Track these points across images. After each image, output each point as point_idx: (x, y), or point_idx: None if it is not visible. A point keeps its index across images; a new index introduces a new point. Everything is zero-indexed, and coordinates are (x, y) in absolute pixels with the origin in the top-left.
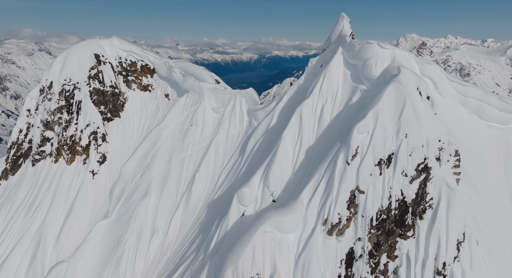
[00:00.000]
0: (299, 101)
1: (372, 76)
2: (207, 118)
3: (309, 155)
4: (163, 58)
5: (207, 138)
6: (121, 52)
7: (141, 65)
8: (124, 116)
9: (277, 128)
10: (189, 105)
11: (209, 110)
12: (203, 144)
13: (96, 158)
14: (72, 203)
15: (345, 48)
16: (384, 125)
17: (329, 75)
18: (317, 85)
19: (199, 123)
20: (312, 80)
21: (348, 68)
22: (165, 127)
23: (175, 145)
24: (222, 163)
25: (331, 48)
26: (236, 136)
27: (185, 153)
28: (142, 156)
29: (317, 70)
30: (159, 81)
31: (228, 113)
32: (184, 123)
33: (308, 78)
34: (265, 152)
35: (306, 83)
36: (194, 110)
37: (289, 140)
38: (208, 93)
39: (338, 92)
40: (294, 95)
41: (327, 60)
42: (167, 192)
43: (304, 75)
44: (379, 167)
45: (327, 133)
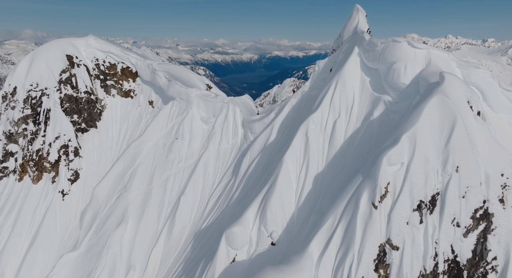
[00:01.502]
0: (304, 113)
1: (399, 84)
2: (195, 130)
3: (318, 185)
4: (146, 59)
5: (195, 153)
6: (99, 53)
7: (122, 67)
8: (102, 126)
9: (276, 144)
10: (174, 115)
11: (198, 120)
12: (190, 161)
13: (67, 176)
14: (37, 230)
15: (363, 48)
16: (425, 154)
17: (342, 82)
18: (328, 95)
19: (186, 136)
20: (320, 87)
21: (367, 73)
22: (146, 141)
23: (157, 162)
24: (212, 184)
25: (343, 48)
26: (228, 152)
27: (169, 171)
28: (118, 175)
29: (326, 75)
30: (143, 86)
31: (219, 124)
32: (168, 135)
33: (314, 84)
34: (262, 175)
35: (312, 90)
36: (180, 121)
37: (292, 164)
38: (196, 101)
39: (355, 104)
40: (298, 104)
41: (340, 63)
42: (147, 218)
43: (310, 81)
44: (419, 212)
45: (342, 157)
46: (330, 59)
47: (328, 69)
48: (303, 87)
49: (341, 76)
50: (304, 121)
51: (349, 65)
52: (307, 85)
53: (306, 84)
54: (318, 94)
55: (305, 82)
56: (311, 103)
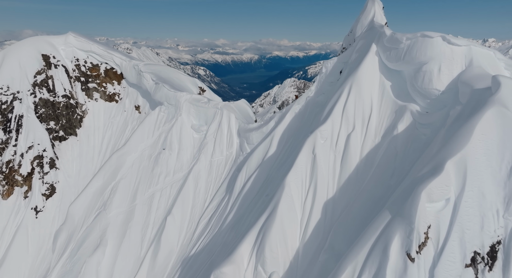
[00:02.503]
0: (310, 122)
1: (431, 90)
2: (185, 140)
3: (328, 215)
4: (132, 60)
5: (184, 166)
6: (79, 52)
7: (105, 68)
8: (82, 134)
9: (277, 159)
10: (162, 122)
11: (188, 128)
12: (179, 175)
13: (41, 191)
14: (5, 252)
15: (382, 46)
16: (479, 188)
17: (357, 87)
18: (339, 103)
19: (175, 146)
20: (328, 92)
21: (388, 77)
22: (129, 151)
23: (142, 176)
24: (203, 202)
25: (357, 46)
26: (222, 165)
27: (155, 186)
28: (97, 190)
29: (335, 78)
30: (128, 89)
31: (212, 133)
32: (154, 145)
33: (321, 89)
34: (260, 196)
35: (319, 95)
36: (168, 129)
37: (296, 188)
38: (186, 106)
39: (373, 114)
40: (302, 112)
41: (353, 64)
42: (128, 242)
43: (316, 85)
44: (474, 268)
45: (358, 180)
46: (339, 59)
47: (338, 71)
48: (307, 92)
49: (355, 80)
50: (311, 135)
51: (365, 66)
52: (312, 90)
53: (311, 89)
54: (326, 100)
55: (310, 86)
56: (318, 111)
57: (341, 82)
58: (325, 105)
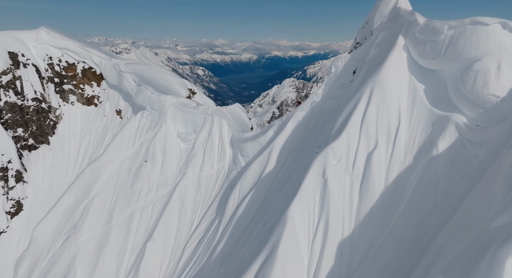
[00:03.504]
0: (317, 134)
1: (487, 96)
2: (170, 150)
3: (345, 261)
4: (112, 58)
5: (169, 181)
6: (53, 49)
7: (83, 68)
8: (56, 142)
9: (276, 177)
10: (144, 130)
11: (173, 137)
12: (163, 192)
13: (5, 208)
14: None
15: (413, 38)
16: None
17: (380, 92)
18: (357, 112)
19: (158, 158)
20: (338, 96)
21: (421, 78)
22: (106, 164)
23: (120, 193)
24: (190, 225)
25: (376, 39)
26: (213, 180)
27: (134, 205)
28: (67, 210)
29: (347, 80)
30: (109, 92)
31: (201, 143)
32: (135, 157)
33: (330, 92)
34: (256, 224)
35: (327, 101)
36: (151, 138)
37: (301, 223)
38: (172, 112)
39: (401, 128)
40: (306, 120)
41: (373, 62)
42: (102, 271)
43: (323, 88)
44: None
45: (384, 215)
46: (353, 56)
47: (350, 71)
48: (312, 96)
49: (378, 83)
50: (320, 153)
51: (391, 65)
52: (319, 94)
53: (317, 92)
54: (337, 107)
55: (313, 87)
56: (326, 119)
57: (357, 85)
58: (336, 113)
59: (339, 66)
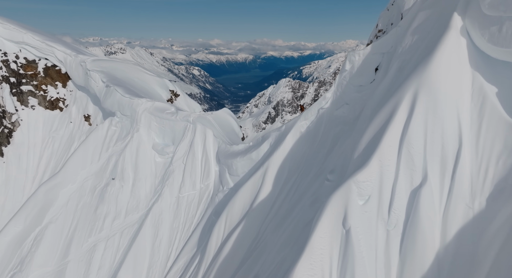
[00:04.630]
0: (326, 152)
1: None
2: (143, 166)
3: None
4: (79, 54)
5: (141, 204)
6: (8, 44)
7: (45, 66)
8: (11, 153)
9: (271, 208)
10: (112, 140)
11: (148, 150)
12: (133, 217)
13: None
14: None
15: (478, 17)
16: None
17: (429, 98)
18: (392, 128)
19: (128, 175)
20: (355, 102)
21: (492, 76)
22: (64, 182)
23: (80, 219)
24: (165, 260)
25: (413, 22)
26: (195, 203)
27: (97, 234)
28: (13, 240)
29: (366, 80)
30: (76, 94)
31: (181, 157)
32: (101, 174)
33: (343, 96)
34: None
35: (340, 107)
36: (120, 150)
37: None
38: (146, 119)
39: (464, 151)
40: (311, 132)
41: (412, 53)
42: None
43: (333, 90)
44: None
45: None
46: (375, 48)
47: (371, 68)
48: (319, 101)
49: (424, 84)
50: (339, 190)
51: (444, 57)
52: (328, 98)
53: (326, 96)
54: (353, 115)
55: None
56: (338, 131)
57: (386, 87)
58: (354, 124)
59: (355, 62)
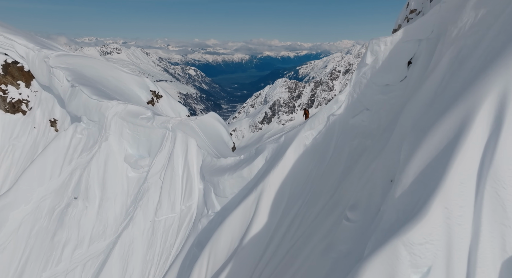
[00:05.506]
0: (340, 177)
1: None
2: (112, 182)
3: None
4: (43, 49)
5: (108, 230)
6: None
7: (5, 62)
8: None
9: (267, 248)
10: (76, 151)
11: (118, 162)
12: (99, 246)
13: None
14: None
15: None
16: None
17: None
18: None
19: (94, 194)
20: (380, 107)
21: None
22: (15, 203)
23: (34, 248)
24: None
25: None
26: (174, 229)
27: (54, 267)
28: None
29: (394, 78)
30: (42, 95)
31: (158, 171)
32: (61, 192)
33: (361, 99)
34: None
35: (358, 113)
36: (85, 163)
37: None
38: (117, 125)
39: None
40: (319, 146)
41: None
42: None
43: (348, 91)
44: None
45: None
46: (407, 33)
47: (402, 61)
48: (330, 105)
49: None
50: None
51: None
52: (341, 101)
53: (339, 99)
54: (377, 125)
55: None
56: (356, 146)
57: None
58: (380, 138)
59: (380, 53)
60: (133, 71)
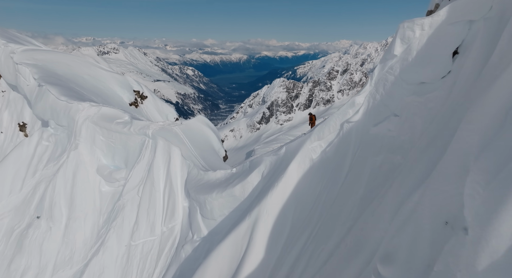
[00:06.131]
0: (361, 207)
1: None
2: (82, 198)
3: None
4: (9, 43)
5: (76, 256)
6: None
7: None
8: None
9: None
10: (42, 161)
11: (90, 174)
12: (65, 276)
13: None
14: None
15: None
16: None
17: None
18: None
19: (60, 213)
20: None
21: None
22: None
23: None
24: None
25: None
26: (153, 256)
27: None
28: None
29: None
30: (10, 95)
31: (135, 186)
32: (22, 210)
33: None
34: None
35: (382, 121)
36: (51, 175)
37: None
38: (88, 131)
39: None
40: (330, 162)
41: None
42: None
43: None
44: None
45: None
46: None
47: (445, 52)
48: (345, 110)
49: None
50: None
51: None
52: (359, 104)
53: (356, 101)
54: (412, 137)
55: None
56: (382, 162)
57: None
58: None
59: (414, 40)
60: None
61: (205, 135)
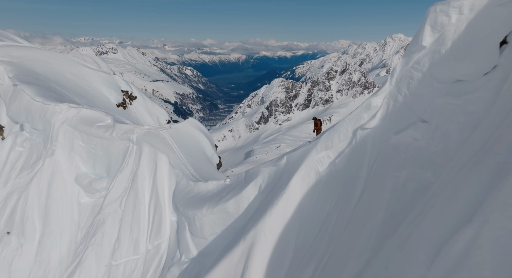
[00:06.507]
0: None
1: None
2: (58, 211)
3: None
4: None
5: (50, 276)
6: None
7: None
8: None
9: None
10: (15, 169)
11: (68, 184)
12: None
13: None
14: None
15: None
16: None
17: None
18: None
19: (33, 228)
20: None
21: None
22: None
23: None
24: None
25: None
26: (136, 275)
27: None
28: None
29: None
30: None
31: (117, 198)
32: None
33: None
34: None
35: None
36: (24, 185)
37: None
38: (66, 135)
39: None
40: (341, 175)
41: None
42: None
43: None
44: None
45: None
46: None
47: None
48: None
49: None
50: None
51: None
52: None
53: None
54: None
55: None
56: (407, 179)
57: None
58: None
59: (449, 27)
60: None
61: (197, 140)
